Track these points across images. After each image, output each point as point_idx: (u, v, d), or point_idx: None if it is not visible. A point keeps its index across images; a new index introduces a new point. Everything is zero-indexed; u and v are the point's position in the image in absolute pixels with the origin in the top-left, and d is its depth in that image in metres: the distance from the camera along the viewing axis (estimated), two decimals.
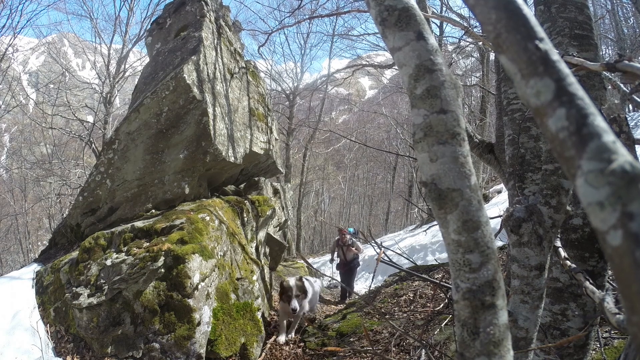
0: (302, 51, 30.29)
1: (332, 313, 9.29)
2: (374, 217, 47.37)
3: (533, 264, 1.81)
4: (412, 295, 7.79)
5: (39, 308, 5.98)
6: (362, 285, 13.52)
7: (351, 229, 15.76)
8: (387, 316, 7.07)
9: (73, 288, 5.61)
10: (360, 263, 15.09)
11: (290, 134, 26.66)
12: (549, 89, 0.63)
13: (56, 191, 24.27)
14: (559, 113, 0.61)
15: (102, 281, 5.46)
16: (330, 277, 5.27)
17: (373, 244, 2.88)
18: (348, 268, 13.96)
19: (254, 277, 6.89)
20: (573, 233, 2.68)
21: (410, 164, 31.10)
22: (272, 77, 28.60)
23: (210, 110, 7.29)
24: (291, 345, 7.03)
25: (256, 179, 10.48)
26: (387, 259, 2.77)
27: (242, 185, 10.23)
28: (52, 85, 23.21)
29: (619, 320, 1.29)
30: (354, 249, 13.81)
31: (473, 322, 0.93)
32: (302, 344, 7.09)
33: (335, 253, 14.63)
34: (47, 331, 5.61)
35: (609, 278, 2.64)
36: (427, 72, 0.92)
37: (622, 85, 2.41)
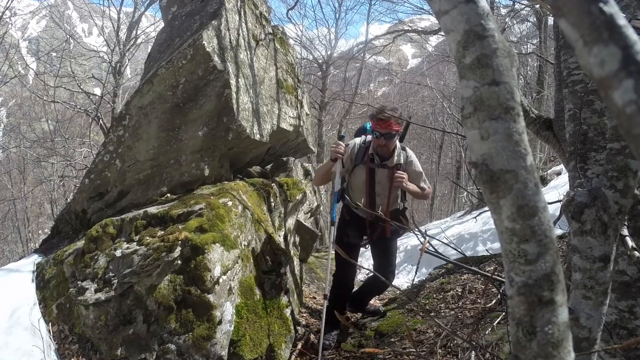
0: (337, 15, 30.41)
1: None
2: (417, 203, 47.14)
3: (597, 254, 1.81)
4: (460, 290, 7.77)
5: (39, 304, 6.06)
6: (403, 279, 13.04)
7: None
8: (432, 314, 7.06)
9: (78, 282, 5.67)
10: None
11: (323, 109, 26.64)
12: (614, 58, 0.63)
13: (59, 173, 24.53)
14: (625, 85, 0.62)
15: (111, 274, 5.52)
16: (369, 269, 4.90)
17: (416, 233, 2.88)
18: (382, 244, 7.00)
19: (282, 270, 6.92)
20: None
21: (459, 142, 30.69)
22: (303, 45, 28.51)
23: (232, 81, 7.27)
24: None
25: (285, 159, 10.49)
26: (432, 250, 2.77)
27: (268, 167, 10.24)
28: (54, 54, 23.39)
29: None
30: (404, 178, 6.26)
31: (529, 320, 0.94)
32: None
33: (339, 183, 6.73)
34: (49, 330, 5.66)
35: None
36: (478, 39, 0.93)
37: None
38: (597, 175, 2.96)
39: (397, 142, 6.73)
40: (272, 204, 7.95)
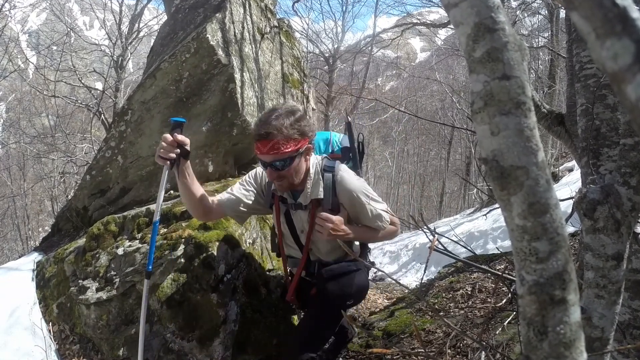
0: (344, 8, 30.33)
1: (377, 310, 9.24)
2: (426, 199, 47.18)
3: (610, 253, 1.81)
4: (470, 289, 7.73)
5: (40, 304, 6.06)
6: (412, 277, 13.00)
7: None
8: (441, 313, 7.05)
9: (79, 281, 5.68)
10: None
11: (330, 103, 26.61)
12: (627, 51, 0.63)
13: (60, 169, 24.55)
14: (639, 79, 0.62)
15: (112, 273, 5.53)
16: (377, 268, 4.12)
17: (425, 230, 2.88)
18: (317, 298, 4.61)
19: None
20: None
21: (468, 137, 30.70)
22: (309, 38, 28.53)
23: (237, 75, 7.26)
24: None
25: None
26: (442, 248, 2.77)
27: None
28: (55, 47, 23.46)
29: None
30: (328, 227, 3.88)
31: (540, 320, 0.94)
32: None
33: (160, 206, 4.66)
34: (50, 330, 5.66)
35: None
36: (488, 32, 0.93)
37: None
38: (610, 172, 2.95)
39: (311, 162, 4.44)
40: None
